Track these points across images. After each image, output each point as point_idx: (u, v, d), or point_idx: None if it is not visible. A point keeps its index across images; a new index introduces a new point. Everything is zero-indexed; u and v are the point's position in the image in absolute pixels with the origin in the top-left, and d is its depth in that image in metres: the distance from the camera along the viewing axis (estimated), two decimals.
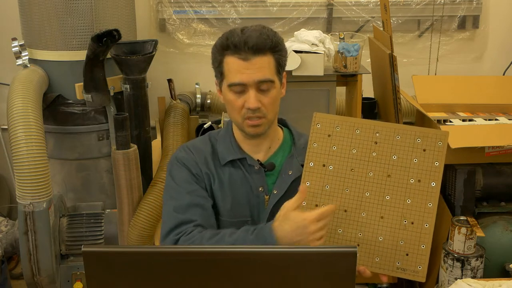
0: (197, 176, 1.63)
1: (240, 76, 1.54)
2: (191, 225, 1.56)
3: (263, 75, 1.54)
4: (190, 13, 3.26)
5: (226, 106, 1.63)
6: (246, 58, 1.53)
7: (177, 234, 1.55)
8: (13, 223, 2.61)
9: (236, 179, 1.65)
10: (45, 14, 2.65)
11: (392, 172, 1.51)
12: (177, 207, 1.59)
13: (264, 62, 1.54)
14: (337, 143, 1.55)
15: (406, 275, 1.47)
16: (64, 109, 2.76)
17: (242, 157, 1.65)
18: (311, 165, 1.55)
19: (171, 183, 1.65)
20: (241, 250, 1.20)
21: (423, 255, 1.47)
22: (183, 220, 1.57)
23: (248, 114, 1.57)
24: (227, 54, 1.55)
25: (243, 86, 1.55)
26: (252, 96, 1.54)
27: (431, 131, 1.52)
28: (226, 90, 1.59)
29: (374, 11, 3.27)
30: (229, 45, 1.54)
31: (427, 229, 1.47)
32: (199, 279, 1.11)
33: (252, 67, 1.53)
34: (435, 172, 1.49)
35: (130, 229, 2.66)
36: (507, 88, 2.86)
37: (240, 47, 1.52)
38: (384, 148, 1.52)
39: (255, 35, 1.53)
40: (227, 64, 1.56)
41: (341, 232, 1.51)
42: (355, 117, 2.19)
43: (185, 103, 3.21)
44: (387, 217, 1.49)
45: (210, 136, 1.73)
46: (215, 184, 1.64)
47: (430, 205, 1.48)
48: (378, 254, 1.48)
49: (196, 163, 1.64)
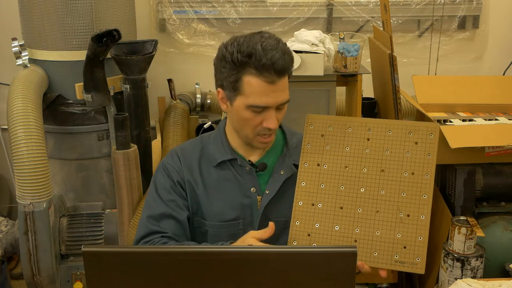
0: (177, 184, 1.65)
1: (265, 100, 1.50)
2: (159, 236, 1.60)
3: (285, 97, 1.54)
4: (190, 13, 3.26)
5: (235, 120, 1.60)
6: (273, 82, 1.48)
7: (146, 243, 1.60)
8: (13, 223, 2.61)
9: (226, 181, 1.65)
10: (45, 14, 2.65)
11: (385, 166, 1.53)
12: (151, 216, 1.63)
13: (286, 83, 1.53)
14: (331, 142, 1.57)
15: (405, 268, 1.47)
16: (64, 109, 2.76)
17: (233, 158, 1.65)
18: (306, 165, 1.57)
19: (152, 190, 1.68)
20: (241, 250, 1.20)
21: (421, 246, 1.47)
22: (153, 230, 1.61)
23: (264, 132, 1.57)
24: (249, 73, 1.48)
25: (266, 108, 1.53)
26: (273, 117, 1.53)
27: (422, 124, 1.55)
28: (242, 108, 1.54)
29: (374, 11, 3.27)
30: (253, 64, 1.47)
31: (423, 221, 1.48)
32: (199, 279, 1.11)
33: (277, 90, 1.50)
34: (428, 164, 1.51)
35: (130, 229, 2.66)
36: (507, 88, 2.86)
37: (267, 68, 1.46)
38: (376, 144, 1.55)
39: (278, 56, 1.47)
40: (249, 84, 1.49)
41: (338, 229, 1.52)
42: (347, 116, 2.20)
43: (185, 103, 3.21)
44: (383, 211, 1.51)
45: (202, 138, 1.73)
46: (199, 190, 1.65)
47: (425, 196, 1.50)
48: (376, 248, 1.49)
49: (180, 171, 1.66)
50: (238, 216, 1.63)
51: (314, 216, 1.54)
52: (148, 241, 1.60)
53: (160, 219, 1.62)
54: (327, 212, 1.53)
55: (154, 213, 1.63)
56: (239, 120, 1.58)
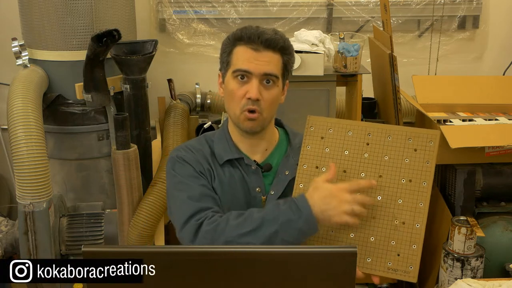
0: (200, 173, 1.63)
1: (248, 64, 1.57)
2: (210, 211, 1.54)
3: (270, 69, 1.57)
4: (190, 13, 3.26)
5: (225, 98, 1.64)
6: (257, 49, 1.57)
7: (198, 219, 1.52)
8: (13, 223, 2.61)
9: (235, 179, 1.65)
10: (45, 14, 2.65)
11: (383, 172, 1.52)
12: (191, 196, 1.57)
13: (273, 57, 1.58)
14: (330, 145, 1.56)
15: (397, 276, 1.47)
16: (64, 109, 2.76)
17: (239, 157, 1.66)
18: (305, 167, 1.57)
19: (176, 178, 1.62)
20: (241, 250, 1.20)
21: (414, 255, 1.46)
22: (201, 207, 1.54)
23: (247, 105, 1.57)
24: (239, 44, 1.59)
25: (248, 75, 1.57)
26: (255, 86, 1.56)
27: (422, 131, 1.54)
28: (229, 78, 1.60)
29: (374, 11, 3.27)
30: (243, 36, 1.58)
31: (418, 229, 1.47)
32: (199, 279, 1.11)
33: (261, 59, 1.56)
34: (427, 172, 1.50)
35: (130, 229, 2.66)
36: (507, 88, 2.86)
37: (253, 39, 1.56)
38: (375, 149, 1.53)
39: (269, 32, 1.58)
40: (237, 53, 1.59)
41: (333, 233, 1.52)
42: (348, 119, 2.20)
43: (185, 103, 3.21)
44: (378, 218, 1.50)
45: (206, 137, 1.73)
46: (215, 182, 1.64)
47: (421, 204, 1.48)
48: (369, 254, 1.49)
49: (197, 160, 1.64)
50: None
51: None
52: (200, 217, 1.52)
53: (202, 198, 1.57)
54: None
55: (193, 194, 1.57)
56: (227, 97, 1.62)
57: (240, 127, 1.63)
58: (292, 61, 1.64)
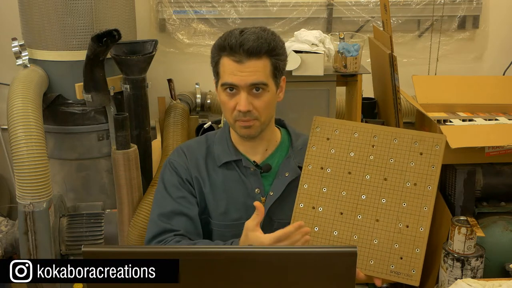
0: (186, 181, 1.64)
1: (232, 78, 1.54)
2: (172, 234, 1.59)
3: (256, 78, 1.54)
4: (190, 13, 3.26)
5: (221, 106, 1.64)
6: (240, 61, 1.53)
7: (159, 242, 1.58)
8: (13, 223, 2.61)
9: (231, 181, 1.65)
10: (45, 14, 2.65)
11: (388, 175, 1.52)
12: (161, 214, 1.62)
13: (258, 65, 1.54)
14: (336, 146, 1.56)
15: (399, 279, 1.47)
16: (64, 109, 2.76)
17: (237, 159, 1.65)
18: (310, 168, 1.57)
19: (160, 187, 1.67)
20: (241, 250, 1.20)
21: (417, 259, 1.46)
22: (165, 228, 1.60)
23: (239, 116, 1.57)
24: (223, 55, 1.56)
25: (235, 87, 1.55)
26: (243, 98, 1.54)
27: (428, 134, 1.53)
28: (220, 90, 1.60)
29: (374, 11, 3.27)
30: (225, 46, 1.54)
31: (422, 233, 1.47)
32: (198, 279, 1.10)
33: (245, 70, 1.53)
34: (432, 176, 1.49)
35: (130, 229, 2.66)
36: (507, 88, 2.86)
37: (235, 50, 1.52)
38: (381, 152, 1.53)
39: (252, 38, 1.52)
40: (223, 65, 1.56)
41: (336, 234, 1.52)
42: (354, 121, 2.20)
43: (185, 103, 3.21)
44: (382, 220, 1.50)
45: (207, 137, 1.73)
46: (206, 188, 1.65)
47: (425, 208, 1.48)
48: (372, 257, 1.48)
49: (187, 168, 1.65)
50: (242, 217, 1.62)
51: (314, 220, 1.53)
52: (161, 240, 1.58)
53: (171, 217, 1.61)
54: (327, 217, 1.53)
55: (164, 211, 1.62)
56: (221, 106, 1.62)
57: (237, 133, 1.63)
58: (282, 58, 1.60)
